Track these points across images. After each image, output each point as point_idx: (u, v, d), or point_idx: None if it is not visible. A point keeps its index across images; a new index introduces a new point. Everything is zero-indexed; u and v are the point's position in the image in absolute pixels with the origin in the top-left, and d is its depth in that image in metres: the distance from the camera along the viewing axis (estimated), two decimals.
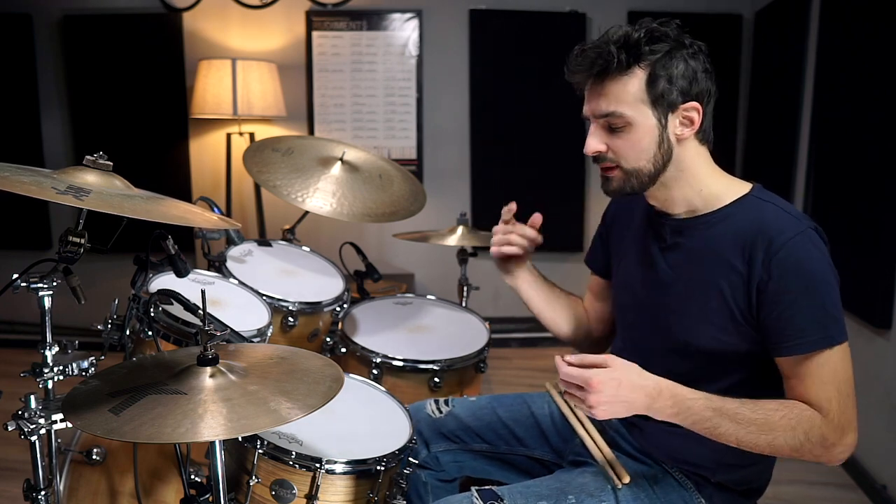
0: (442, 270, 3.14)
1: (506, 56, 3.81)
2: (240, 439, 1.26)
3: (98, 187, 1.08)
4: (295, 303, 1.84)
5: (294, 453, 1.24)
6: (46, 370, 1.24)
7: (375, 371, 1.78)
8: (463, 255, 2.12)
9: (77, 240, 1.15)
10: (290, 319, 1.82)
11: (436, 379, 1.79)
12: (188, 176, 3.87)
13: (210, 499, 1.20)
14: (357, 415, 1.46)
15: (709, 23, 3.66)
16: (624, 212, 1.45)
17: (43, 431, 1.22)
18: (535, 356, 3.85)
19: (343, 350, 1.87)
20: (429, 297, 2.17)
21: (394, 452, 1.31)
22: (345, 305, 1.98)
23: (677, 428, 1.17)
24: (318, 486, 1.23)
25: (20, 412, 1.21)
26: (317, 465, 1.23)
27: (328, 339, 1.94)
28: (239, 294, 1.79)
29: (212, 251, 1.91)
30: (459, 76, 3.85)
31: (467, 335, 1.96)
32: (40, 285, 1.20)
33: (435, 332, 1.98)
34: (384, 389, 1.57)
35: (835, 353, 1.14)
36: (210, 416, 0.96)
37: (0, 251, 3.84)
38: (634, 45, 1.16)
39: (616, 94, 1.18)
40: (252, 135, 3.67)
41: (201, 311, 1.07)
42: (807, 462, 1.17)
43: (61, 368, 1.25)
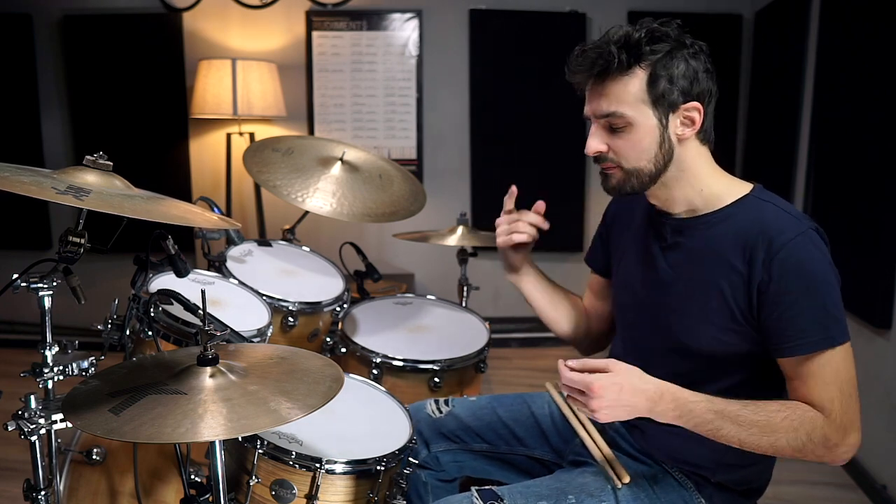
0: (442, 270, 3.14)
1: (506, 56, 3.81)
2: (240, 439, 1.26)
3: (98, 187, 1.08)
4: (295, 303, 1.84)
5: (294, 453, 1.24)
6: (46, 370, 1.24)
7: (375, 371, 1.78)
8: (463, 255, 2.12)
9: (77, 240, 1.15)
10: (290, 319, 1.82)
11: (436, 379, 1.79)
12: (188, 176, 3.87)
13: (210, 499, 1.20)
14: (357, 415, 1.46)
15: (709, 23, 3.66)
16: (624, 211, 1.45)
17: (43, 431, 1.22)
18: (535, 356, 3.85)
19: (343, 350, 1.87)
20: (429, 297, 2.17)
21: (394, 452, 1.31)
22: (345, 305, 1.98)
23: (678, 429, 1.17)
24: (318, 486, 1.23)
25: (20, 412, 1.21)
26: (317, 465, 1.23)
27: (328, 339, 1.94)
28: (239, 294, 1.79)
29: (212, 251, 1.91)
30: (459, 76, 3.85)
31: (467, 335, 1.96)
32: (40, 285, 1.20)
33: (435, 332, 1.98)
34: (384, 389, 1.57)
35: (836, 354, 1.14)
36: (210, 416, 0.96)
37: (0, 251, 3.84)
38: (635, 46, 1.16)
39: (617, 95, 1.18)
40: (252, 135, 3.67)
41: (201, 311, 1.07)
42: (807, 462, 1.17)
43: (61, 368, 1.25)
